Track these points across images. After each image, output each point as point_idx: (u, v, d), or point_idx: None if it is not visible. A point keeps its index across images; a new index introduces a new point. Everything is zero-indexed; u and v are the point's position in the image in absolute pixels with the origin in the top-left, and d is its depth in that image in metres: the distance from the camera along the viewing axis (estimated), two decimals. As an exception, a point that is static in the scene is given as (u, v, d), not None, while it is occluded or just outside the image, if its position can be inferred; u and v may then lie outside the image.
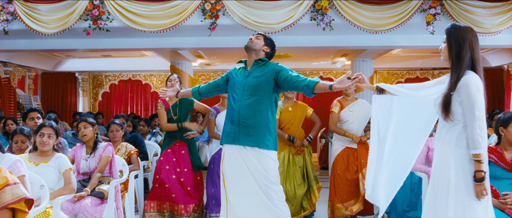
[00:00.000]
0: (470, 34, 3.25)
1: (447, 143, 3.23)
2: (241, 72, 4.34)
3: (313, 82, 3.96)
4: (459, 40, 3.23)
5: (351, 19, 7.70)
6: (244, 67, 4.36)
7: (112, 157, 5.01)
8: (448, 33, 3.31)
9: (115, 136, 6.05)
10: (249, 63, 4.34)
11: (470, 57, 3.20)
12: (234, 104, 4.24)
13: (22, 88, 13.72)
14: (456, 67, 3.22)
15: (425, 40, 8.72)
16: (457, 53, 3.22)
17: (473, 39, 3.24)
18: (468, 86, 3.12)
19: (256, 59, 4.29)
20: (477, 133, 3.08)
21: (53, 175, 4.36)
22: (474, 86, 3.12)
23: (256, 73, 4.23)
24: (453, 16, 7.71)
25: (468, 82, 3.13)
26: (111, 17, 7.96)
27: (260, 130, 4.12)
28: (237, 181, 4.11)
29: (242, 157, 4.13)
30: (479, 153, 3.08)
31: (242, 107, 4.18)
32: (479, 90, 3.13)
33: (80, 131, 5.05)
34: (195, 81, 15.01)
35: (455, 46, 3.24)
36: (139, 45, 9.34)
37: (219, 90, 4.55)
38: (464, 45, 3.21)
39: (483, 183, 3.09)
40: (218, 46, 9.11)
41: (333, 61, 13.89)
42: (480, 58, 3.24)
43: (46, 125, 4.45)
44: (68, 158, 4.96)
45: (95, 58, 13.86)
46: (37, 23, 8.05)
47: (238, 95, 4.23)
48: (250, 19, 7.75)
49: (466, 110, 3.12)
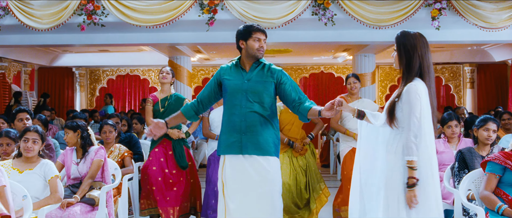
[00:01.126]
0: (419, 41, 3.21)
1: (394, 151, 3.21)
2: (235, 73, 3.97)
3: (307, 108, 3.80)
4: (408, 48, 3.20)
5: (354, 14, 7.49)
6: (239, 67, 3.97)
7: (104, 161, 4.74)
8: (398, 41, 3.26)
9: (108, 137, 5.76)
10: (246, 64, 3.97)
11: (420, 65, 3.18)
12: (235, 110, 3.88)
13: (18, 83, 13.49)
14: (406, 76, 3.22)
15: (429, 35, 8.33)
16: (407, 61, 3.21)
17: (422, 46, 3.21)
18: (409, 92, 3.13)
19: (254, 61, 3.97)
20: (411, 140, 3.10)
21: (38, 183, 4.10)
22: (415, 92, 3.12)
23: (257, 77, 3.92)
24: (459, 11, 7.54)
25: (409, 89, 3.13)
26: (106, 12, 7.79)
27: (268, 138, 3.87)
28: (241, 190, 3.82)
29: (250, 166, 3.84)
30: (412, 160, 3.09)
31: (247, 113, 3.86)
32: (421, 97, 3.13)
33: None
34: (194, 76, 14.80)
35: (405, 54, 3.21)
36: (135, 40, 9.15)
37: (216, 99, 4.09)
38: (413, 54, 3.19)
39: (414, 190, 3.09)
40: (217, 42, 8.94)
41: (334, 56, 13.71)
42: (430, 65, 3.23)
43: (31, 129, 4.17)
44: (58, 163, 4.74)
45: (92, 52, 13.66)
46: (30, 18, 7.87)
47: (239, 100, 3.88)
48: (250, 14, 7.55)
49: (404, 116, 3.14)
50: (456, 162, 4.47)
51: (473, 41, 9.25)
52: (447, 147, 5.12)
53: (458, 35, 8.70)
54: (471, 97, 14.69)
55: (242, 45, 3.93)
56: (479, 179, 4.17)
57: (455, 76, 15.01)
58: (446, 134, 5.18)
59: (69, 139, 4.73)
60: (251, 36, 3.87)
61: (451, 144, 5.16)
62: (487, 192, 3.85)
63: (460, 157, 4.46)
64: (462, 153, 4.47)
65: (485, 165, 3.95)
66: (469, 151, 4.46)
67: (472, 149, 4.50)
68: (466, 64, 14.59)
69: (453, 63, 14.47)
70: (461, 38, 8.84)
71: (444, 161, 5.00)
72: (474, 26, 7.77)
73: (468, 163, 4.38)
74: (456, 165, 4.45)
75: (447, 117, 5.13)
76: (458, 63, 14.50)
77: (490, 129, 4.48)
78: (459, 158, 4.46)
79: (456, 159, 4.48)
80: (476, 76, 14.78)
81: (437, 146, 5.06)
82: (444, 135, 5.22)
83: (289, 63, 14.44)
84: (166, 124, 3.96)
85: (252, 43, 3.86)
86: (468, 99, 14.74)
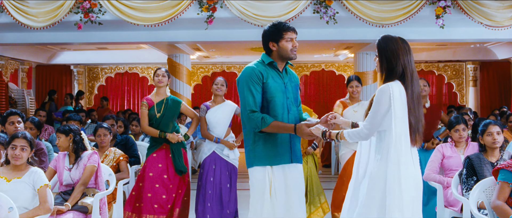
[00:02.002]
0: (401, 47, 3.16)
1: (379, 159, 3.13)
2: (274, 75, 3.64)
3: (304, 119, 3.69)
4: (389, 54, 3.15)
5: (357, 12, 7.33)
6: (276, 69, 3.66)
7: (98, 166, 4.55)
8: (379, 46, 3.21)
9: (103, 141, 5.53)
10: (280, 65, 3.69)
11: (403, 71, 3.12)
12: (285, 115, 3.61)
13: (15, 82, 13.33)
14: (384, 78, 3.18)
15: (433, 33, 8.41)
16: (387, 66, 3.16)
17: (405, 52, 3.15)
18: (381, 92, 3.08)
19: (286, 62, 3.72)
20: (365, 133, 3.10)
21: (27, 192, 3.90)
22: (387, 92, 3.05)
23: (291, 81, 3.74)
24: (464, 9, 7.38)
25: (382, 89, 3.09)
26: (103, 9, 7.62)
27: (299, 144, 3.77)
28: (292, 201, 3.64)
29: (300, 175, 3.71)
30: (346, 139, 3.17)
31: (294, 120, 3.65)
32: (394, 98, 3.05)
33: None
34: (193, 74, 14.63)
35: (385, 59, 3.16)
36: (133, 38, 9.02)
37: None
38: (396, 59, 3.13)
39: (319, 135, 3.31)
40: (216, 40, 8.82)
41: (335, 54, 13.57)
42: (413, 71, 3.15)
43: (19, 136, 3.96)
44: (50, 169, 4.56)
45: (90, 50, 13.52)
46: (25, 16, 7.70)
47: (281, 105, 3.61)
48: (250, 12, 7.40)
49: (370, 112, 3.11)
50: (464, 168, 4.27)
51: (477, 39, 9.12)
52: (455, 151, 4.94)
53: (462, 33, 8.57)
54: (474, 95, 14.53)
55: (273, 47, 3.62)
56: (491, 188, 3.97)
57: (457, 74, 14.84)
58: (453, 138, 4.99)
59: (61, 143, 4.55)
60: (283, 37, 3.59)
61: (459, 148, 4.97)
62: (499, 201, 3.64)
63: (468, 164, 4.26)
64: (470, 160, 4.27)
65: (497, 173, 3.74)
66: (478, 158, 4.27)
67: (481, 155, 4.32)
68: (469, 62, 14.43)
69: (456, 61, 14.31)
70: (466, 36, 8.71)
71: (451, 166, 4.84)
72: (479, 24, 7.62)
73: (477, 169, 4.19)
74: (464, 172, 4.25)
75: (454, 121, 4.95)
76: (460, 61, 14.34)
77: (493, 133, 4.31)
78: (467, 165, 4.26)
79: (464, 166, 4.28)
80: (479, 74, 14.62)
81: (444, 151, 4.90)
82: (451, 139, 5.03)
83: (289, 60, 14.26)
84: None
85: (285, 44, 3.59)
86: (470, 97, 14.58)
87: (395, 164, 3.03)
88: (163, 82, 5.48)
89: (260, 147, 3.58)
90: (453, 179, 4.49)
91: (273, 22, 3.66)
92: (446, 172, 4.92)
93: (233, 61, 14.64)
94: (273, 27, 3.62)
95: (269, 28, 3.64)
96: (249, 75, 3.55)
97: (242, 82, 3.59)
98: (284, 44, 3.58)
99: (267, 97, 3.57)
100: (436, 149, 5.00)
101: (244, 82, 3.56)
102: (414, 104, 3.12)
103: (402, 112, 3.06)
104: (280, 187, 3.57)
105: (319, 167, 8.15)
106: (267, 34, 3.64)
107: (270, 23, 3.66)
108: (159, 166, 5.43)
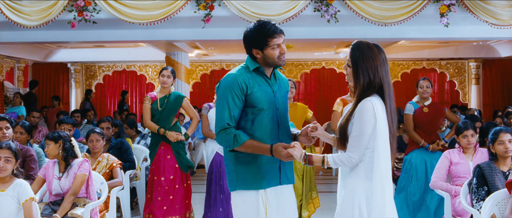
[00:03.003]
0: (376, 54, 2.83)
1: (354, 175, 2.85)
2: (257, 80, 3.13)
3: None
4: (366, 64, 2.82)
5: (359, 11, 7.16)
6: (263, 75, 3.16)
7: (89, 175, 4.35)
8: (353, 55, 2.86)
9: (95, 146, 5.27)
10: (267, 71, 3.18)
11: (380, 82, 2.83)
12: (275, 129, 3.12)
13: (11, 80, 13.14)
14: (363, 92, 2.84)
15: (437, 31, 8.23)
16: (364, 78, 2.83)
17: (380, 61, 2.83)
18: (364, 110, 2.77)
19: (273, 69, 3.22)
20: (354, 160, 2.79)
21: (11, 206, 3.67)
22: (371, 110, 2.76)
23: (280, 88, 3.23)
24: (469, 8, 7.23)
25: (365, 106, 2.78)
26: (98, 8, 7.43)
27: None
28: None
29: (292, 193, 3.28)
30: (331, 166, 2.84)
31: (286, 135, 3.18)
32: (377, 116, 2.76)
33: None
34: (192, 72, 14.44)
35: (361, 70, 2.82)
36: (130, 37, 8.83)
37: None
38: (371, 70, 2.81)
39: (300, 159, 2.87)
40: (214, 39, 8.65)
41: (336, 52, 13.41)
42: (390, 82, 2.88)
43: (3, 146, 3.73)
44: (39, 178, 4.36)
45: (88, 48, 13.33)
46: (18, 15, 7.54)
47: (276, 116, 3.14)
48: (249, 10, 7.23)
49: (353, 134, 2.79)
50: (474, 178, 4.03)
51: (482, 37, 8.96)
52: (462, 158, 4.72)
53: (466, 31, 8.41)
54: (476, 94, 14.34)
55: (257, 54, 3.10)
56: (504, 201, 3.75)
57: (460, 72, 14.64)
58: (461, 144, 4.76)
59: (50, 151, 4.33)
60: (268, 44, 3.04)
61: (467, 155, 4.75)
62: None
63: (478, 173, 4.02)
64: (480, 169, 4.02)
65: (511, 186, 3.54)
66: (489, 166, 4.03)
67: (492, 164, 4.07)
68: (472, 60, 14.25)
69: (458, 58, 14.13)
70: (470, 35, 8.55)
71: (459, 173, 4.63)
72: (483, 23, 7.46)
73: (488, 179, 3.96)
74: (474, 181, 4.02)
75: (462, 126, 4.72)
76: (463, 58, 14.15)
77: (505, 141, 4.05)
78: (478, 174, 4.02)
79: (474, 175, 4.04)
80: (482, 72, 14.43)
81: (451, 157, 4.70)
82: (459, 145, 4.81)
83: (289, 58, 14.11)
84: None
85: (271, 52, 3.06)
86: (473, 95, 14.39)
87: (379, 188, 2.76)
88: (167, 83, 5.50)
89: (243, 168, 3.09)
90: (462, 189, 4.27)
91: (255, 24, 3.08)
92: (453, 179, 4.71)
93: (233, 59, 14.45)
94: (256, 33, 3.06)
95: (251, 33, 3.08)
96: (229, 85, 3.04)
97: (220, 92, 3.07)
98: (269, 52, 3.06)
99: (254, 110, 3.07)
100: (443, 155, 4.79)
101: (222, 92, 3.05)
102: (391, 119, 2.87)
103: (385, 129, 2.81)
104: (271, 212, 3.09)
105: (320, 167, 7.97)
106: (249, 40, 3.10)
107: (253, 25, 3.09)
108: (168, 157, 5.48)
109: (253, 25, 3.10)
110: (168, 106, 5.46)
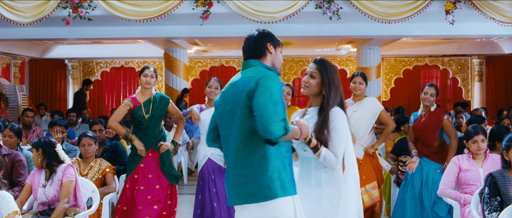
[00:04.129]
0: (338, 76, 3.21)
1: (332, 181, 3.11)
2: None
3: None
4: (334, 82, 3.14)
5: (362, 8, 6.97)
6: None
7: (75, 181, 4.11)
8: (322, 71, 3.15)
9: (87, 151, 4.96)
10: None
11: (341, 99, 3.16)
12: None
13: (7, 77, 12.94)
14: (328, 104, 3.11)
15: (441, 29, 8.11)
16: (330, 93, 3.12)
17: (339, 82, 3.19)
18: (340, 116, 3.09)
19: None
20: (338, 164, 3.05)
21: (-7, 220, 3.50)
22: (344, 115, 3.12)
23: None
24: (475, 4, 7.07)
25: (338, 113, 3.10)
26: (94, 4, 7.23)
27: None
28: None
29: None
30: (319, 158, 3.03)
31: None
32: (346, 123, 3.14)
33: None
34: (191, 69, 14.24)
35: (328, 86, 3.13)
36: (126, 34, 8.70)
37: None
38: (338, 89, 3.15)
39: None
40: (212, 36, 8.53)
41: (337, 48, 13.24)
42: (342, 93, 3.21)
43: None
44: (27, 185, 4.15)
45: (85, 44, 13.18)
46: (11, 12, 7.35)
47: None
48: (248, 7, 7.05)
49: (334, 137, 3.05)
50: (486, 187, 3.79)
51: (487, 35, 8.80)
52: (472, 164, 4.45)
53: (471, 29, 8.28)
54: (480, 91, 14.16)
55: (271, 50, 3.06)
56: (521, 213, 3.53)
57: (463, 68, 14.44)
58: (471, 150, 4.48)
59: (33, 158, 4.10)
60: (279, 45, 3.11)
61: (477, 161, 4.47)
62: None
63: (491, 182, 3.76)
64: (493, 178, 3.76)
65: None
66: (502, 175, 3.77)
67: (505, 173, 3.80)
68: (475, 56, 14.05)
69: (461, 55, 13.93)
70: (475, 32, 8.43)
71: (468, 180, 4.36)
72: (490, 20, 7.28)
73: (501, 189, 3.70)
74: (487, 191, 3.77)
75: (472, 131, 4.45)
76: (466, 55, 13.96)
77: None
78: (490, 183, 3.76)
79: (486, 184, 3.79)
80: (485, 69, 14.24)
81: (460, 163, 4.47)
82: (468, 151, 4.54)
83: (290, 55, 13.93)
84: None
85: (280, 54, 3.12)
86: (476, 92, 14.20)
87: (353, 186, 3.09)
88: (151, 83, 4.96)
89: (284, 172, 2.92)
90: (472, 198, 4.04)
91: (264, 29, 3.13)
92: (462, 186, 4.46)
93: (232, 55, 14.24)
94: (270, 33, 3.10)
95: (265, 31, 3.10)
96: (280, 86, 2.92)
97: (274, 88, 2.85)
98: (279, 54, 3.12)
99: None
100: (452, 161, 4.54)
101: (277, 90, 2.85)
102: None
103: (350, 135, 3.15)
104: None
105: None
106: (264, 35, 3.07)
107: (259, 30, 3.11)
108: (149, 177, 4.96)
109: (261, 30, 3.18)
110: (156, 113, 4.98)
